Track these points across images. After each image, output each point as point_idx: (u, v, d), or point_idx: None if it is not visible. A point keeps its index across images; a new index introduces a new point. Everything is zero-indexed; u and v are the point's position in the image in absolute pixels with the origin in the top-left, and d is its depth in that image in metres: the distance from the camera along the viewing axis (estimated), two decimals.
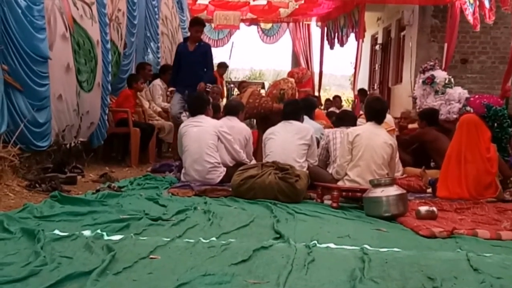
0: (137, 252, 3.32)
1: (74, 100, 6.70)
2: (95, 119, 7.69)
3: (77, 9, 6.77)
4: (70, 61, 6.43)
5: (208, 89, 8.81)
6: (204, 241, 3.77)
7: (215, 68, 15.55)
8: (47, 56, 5.94)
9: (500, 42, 14.68)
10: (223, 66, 15.96)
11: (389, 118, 8.01)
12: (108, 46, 8.02)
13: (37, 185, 5.64)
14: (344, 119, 7.12)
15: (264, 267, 3.17)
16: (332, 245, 3.84)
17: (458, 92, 8.69)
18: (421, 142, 7.90)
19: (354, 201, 5.77)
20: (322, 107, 16.18)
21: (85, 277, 2.77)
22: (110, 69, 8.15)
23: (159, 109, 10.11)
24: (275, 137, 6.73)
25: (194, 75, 8.89)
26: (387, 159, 6.10)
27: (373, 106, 6.47)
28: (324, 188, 5.99)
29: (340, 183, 6.11)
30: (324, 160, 6.81)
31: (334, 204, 5.59)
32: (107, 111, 8.21)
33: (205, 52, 9.27)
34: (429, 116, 8.23)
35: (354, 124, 6.85)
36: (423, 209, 5.09)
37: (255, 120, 9.82)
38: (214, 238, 3.85)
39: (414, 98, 9.96)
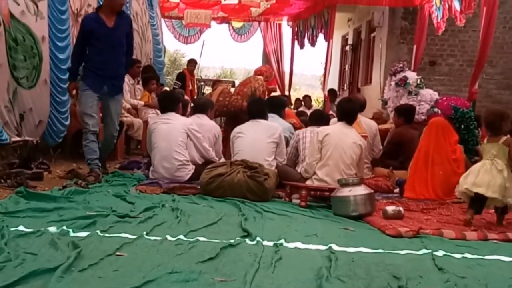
0: (103, 249, 3.30)
1: (6, 97, 6.47)
2: (44, 117, 7.42)
3: (18, 4, 6.57)
4: (1, 58, 6.21)
5: (175, 86, 8.45)
6: (171, 238, 3.75)
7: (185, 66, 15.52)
8: None
9: (468, 45, 14.87)
10: (192, 63, 15.88)
11: (368, 122, 7.95)
12: (64, 43, 7.73)
13: (2, 180, 5.57)
14: (318, 119, 7.14)
15: (231, 265, 3.17)
16: (299, 244, 3.86)
17: (430, 93, 8.80)
18: (401, 143, 7.85)
19: (322, 200, 5.81)
20: (292, 107, 16.23)
21: (49, 274, 2.74)
22: (66, 65, 7.65)
23: (128, 106, 10.03)
24: (244, 135, 6.72)
25: (115, 63, 6.60)
26: (355, 159, 6.14)
27: (344, 107, 6.51)
28: (293, 187, 6.01)
29: (308, 182, 6.13)
30: (293, 159, 6.83)
31: (302, 203, 5.61)
32: (65, 108, 7.87)
33: (129, 27, 6.84)
34: (407, 112, 8.20)
35: (327, 124, 6.87)
36: (390, 209, 5.14)
37: (224, 118, 9.80)
38: (181, 236, 3.83)
39: (384, 101, 10.03)
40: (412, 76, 9.31)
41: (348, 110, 6.43)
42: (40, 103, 7.30)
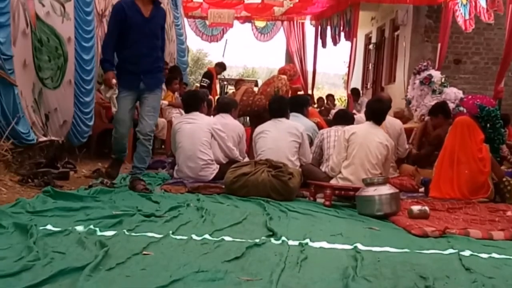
0: (130, 248, 3.32)
1: (31, 97, 6.53)
2: (68, 117, 7.51)
3: (43, 6, 6.63)
4: (27, 58, 6.29)
5: (204, 84, 8.36)
6: (197, 238, 3.77)
7: (214, 66, 15.47)
8: (8, 54, 5.75)
9: (494, 43, 14.72)
10: (221, 67, 15.83)
11: (392, 121, 7.87)
12: (89, 43, 7.82)
13: (29, 180, 5.63)
14: (342, 118, 7.12)
15: (257, 265, 3.18)
16: (324, 243, 3.85)
17: (454, 91, 8.74)
18: (439, 142, 7.78)
19: (347, 199, 5.80)
20: (316, 106, 16.20)
21: (78, 273, 2.76)
22: (90, 66, 7.88)
23: None
24: (266, 135, 6.73)
25: (151, 56, 5.97)
26: (381, 160, 6.12)
27: (373, 107, 6.50)
28: (317, 186, 6.00)
29: (333, 181, 6.12)
30: (318, 158, 6.82)
31: (327, 203, 5.61)
32: (89, 109, 7.99)
33: (163, 19, 6.25)
34: (443, 108, 8.14)
35: (351, 124, 6.85)
36: (415, 208, 5.11)
37: (248, 118, 9.81)
38: (207, 235, 3.84)
39: (408, 100, 9.97)
40: (436, 74, 9.26)
41: (377, 110, 6.40)
42: (64, 104, 7.37)
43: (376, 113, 6.36)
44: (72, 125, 7.63)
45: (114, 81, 5.82)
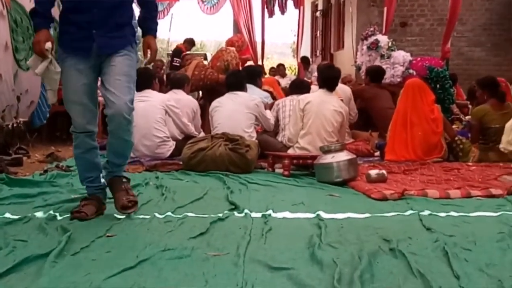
0: (93, 232, 3.28)
1: (12, 80, 6.46)
2: (35, 98, 7.42)
3: None
4: (8, 40, 6.20)
5: (175, 64, 8.06)
6: (159, 216, 3.75)
7: (182, 43, 15.15)
8: None
9: (438, 4, 14.88)
10: (190, 43, 15.52)
11: (342, 87, 8.03)
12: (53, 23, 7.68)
13: None
14: (298, 87, 7.12)
15: (222, 239, 3.18)
16: (287, 213, 3.88)
17: (402, 55, 8.83)
18: (362, 100, 8.07)
19: (305, 168, 5.83)
20: (267, 76, 16.17)
21: (42, 260, 2.72)
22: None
23: None
24: (222, 108, 6.70)
25: (107, 1, 3.79)
26: (337, 127, 6.16)
27: (325, 73, 6.50)
28: (275, 157, 6.02)
29: (290, 151, 6.15)
30: (274, 128, 6.83)
31: (286, 172, 5.63)
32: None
33: None
34: (374, 72, 8.38)
35: (308, 92, 6.87)
36: (373, 172, 5.17)
37: (200, 92, 9.75)
38: (169, 213, 3.83)
39: (358, 67, 10.05)
40: (383, 39, 9.32)
41: (330, 76, 6.42)
42: (33, 84, 7.25)
43: (330, 80, 6.38)
44: (38, 106, 7.51)
45: (47, 44, 3.67)
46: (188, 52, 14.46)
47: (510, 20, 14.84)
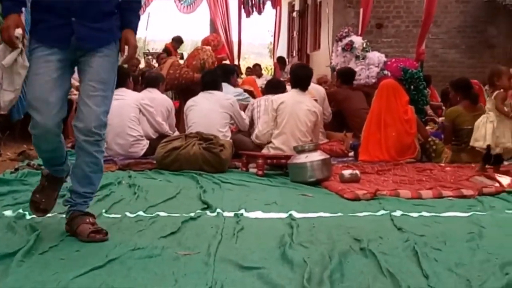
0: (62, 230, 3.24)
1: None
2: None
3: None
4: None
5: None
6: (131, 215, 3.73)
7: (170, 42, 15.07)
8: None
9: (413, 6, 14.97)
10: (178, 41, 15.49)
11: (316, 87, 8.07)
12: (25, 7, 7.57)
13: None
14: (274, 87, 7.11)
15: (193, 238, 3.17)
16: (260, 213, 3.88)
17: (377, 56, 8.87)
18: (335, 102, 8.10)
19: (279, 168, 5.83)
20: (243, 76, 16.16)
21: (9, 258, 2.69)
22: None
23: (76, 83, 9.83)
24: (197, 107, 6.67)
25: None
26: (311, 126, 6.16)
27: (298, 73, 6.50)
28: (249, 156, 6.01)
29: (264, 151, 6.15)
30: (249, 128, 6.82)
31: (260, 172, 5.62)
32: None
33: None
34: (345, 74, 8.41)
35: (284, 92, 6.86)
36: (346, 172, 5.19)
37: (174, 92, 9.70)
38: (141, 212, 3.81)
39: (332, 68, 10.08)
40: (357, 40, 9.35)
41: (303, 76, 6.42)
42: None
43: (302, 80, 6.38)
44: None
45: (17, 31, 3.15)
46: (161, 52, 14.38)
47: (484, 23, 15.00)
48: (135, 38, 3.36)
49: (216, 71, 7.49)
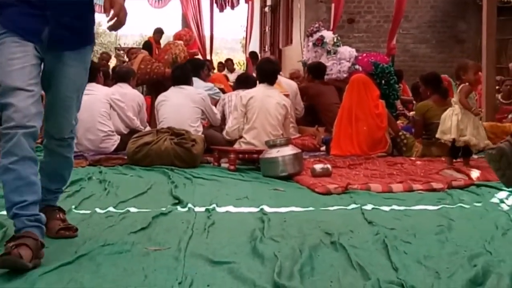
0: None
1: None
2: None
3: None
4: None
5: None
6: (101, 211, 3.69)
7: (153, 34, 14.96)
8: None
9: (384, 1, 15.07)
10: (159, 32, 15.32)
11: (288, 82, 8.07)
12: None
13: None
14: (244, 82, 7.11)
15: (164, 234, 3.15)
16: (231, 208, 3.87)
17: (348, 50, 8.90)
18: (307, 97, 8.12)
19: (251, 163, 5.83)
20: (215, 71, 16.12)
21: None
22: None
23: None
24: (168, 102, 6.64)
25: None
26: (281, 120, 6.18)
27: (264, 68, 6.51)
28: (221, 151, 6.00)
29: (236, 146, 6.14)
30: (220, 123, 6.81)
31: (231, 167, 5.62)
32: None
33: None
34: (315, 69, 8.43)
35: (254, 87, 6.86)
36: (318, 167, 5.20)
37: (145, 87, 9.65)
38: (111, 208, 3.77)
39: (304, 63, 10.10)
40: (328, 35, 9.38)
41: (270, 71, 6.42)
42: None
43: (269, 74, 6.38)
44: None
45: None
46: (134, 47, 14.30)
47: (454, 18, 15.15)
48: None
49: (186, 66, 7.46)
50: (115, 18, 2.81)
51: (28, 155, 2.65)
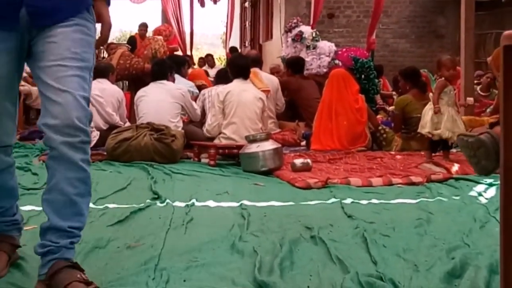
0: None
1: None
2: None
3: None
4: None
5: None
6: None
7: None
8: None
9: None
10: (143, 26, 15.12)
11: (269, 77, 8.06)
12: None
13: None
14: (224, 77, 7.08)
15: (141, 229, 3.13)
16: (211, 203, 3.86)
17: (328, 45, 8.91)
18: (288, 91, 8.12)
19: (231, 158, 5.82)
20: (196, 66, 16.07)
21: None
22: None
23: (24, 74, 9.63)
24: (148, 98, 6.60)
25: None
26: (259, 113, 6.16)
27: (237, 63, 6.48)
28: (201, 146, 5.98)
29: (216, 141, 6.12)
30: (200, 118, 6.79)
31: (211, 162, 5.60)
32: None
33: None
34: (294, 63, 8.42)
35: None
36: (298, 161, 5.21)
37: (126, 82, 9.60)
38: (90, 204, 3.72)
39: (283, 58, 10.10)
40: (307, 30, 9.38)
41: (243, 65, 6.40)
42: None
43: (243, 69, 6.36)
44: None
45: None
46: (113, 42, 14.13)
47: (433, 13, 15.21)
48: (109, 14, 2.42)
49: (165, 61, 7.42)
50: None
51: (3, 167, 2.41)
